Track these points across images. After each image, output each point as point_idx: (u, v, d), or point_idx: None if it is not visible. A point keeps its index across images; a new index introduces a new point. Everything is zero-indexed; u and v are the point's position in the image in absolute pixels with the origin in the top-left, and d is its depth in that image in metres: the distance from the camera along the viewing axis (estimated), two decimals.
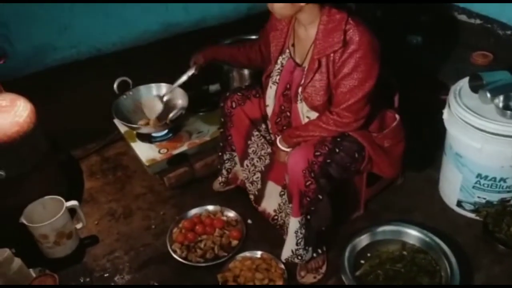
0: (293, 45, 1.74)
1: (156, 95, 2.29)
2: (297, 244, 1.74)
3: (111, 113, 2.26)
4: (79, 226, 2.05)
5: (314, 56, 1.61)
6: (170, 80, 2.40)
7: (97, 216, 2.19)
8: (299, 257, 1.78)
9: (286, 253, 1.79)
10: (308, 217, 1.69)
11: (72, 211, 1.99)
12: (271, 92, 1.84)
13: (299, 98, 1.72)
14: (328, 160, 1.65)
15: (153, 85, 2.40)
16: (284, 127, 1.85)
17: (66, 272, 1.91)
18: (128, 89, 2.32)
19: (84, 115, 2.42)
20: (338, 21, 1.55)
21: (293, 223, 1.70)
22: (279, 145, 1.81)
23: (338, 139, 1.70)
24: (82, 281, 1.89)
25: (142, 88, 2.38)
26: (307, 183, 1.61)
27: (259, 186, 2.02)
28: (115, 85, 2.26)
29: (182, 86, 2.35)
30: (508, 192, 1.94)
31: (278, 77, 1.79)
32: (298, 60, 1.73)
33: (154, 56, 2.54)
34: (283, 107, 1.81)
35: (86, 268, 1.94)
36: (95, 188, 2.35)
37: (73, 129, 2.43)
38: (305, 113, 1.75)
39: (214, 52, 2.04)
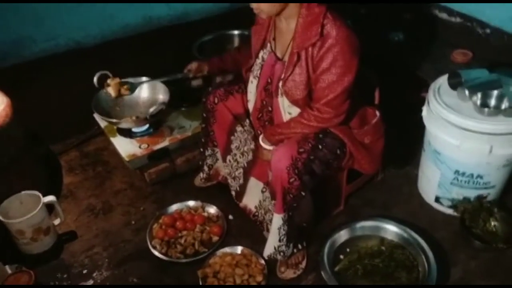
0: (274, 39, 1.74)
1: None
2: (279, 241, 1.74)
3: (91, 108, 2.23)
4: (57, 222, 2.02)
5: (293, 50, 1.61)
6: (151, 75, 2.37)
7: (76, 211, 2.17)
8: (282, 254, 1.78)
9: (268, 249, 1.79)
10: (290, 213, 1.70)
11: (50, 206, 1.97)
12: (252, 87, 1.84)
13: (279, 92, 1.72)
14: (312, 157, 1.65)
15: (133, 79, 2.37)
16: (266, 123, 1.85)
17: (43, 269, 1.88)
18: None
19: (63, 109, 2.38)
20: (316, 14, 1.56)
21: (276, 220, 1.70)
22: (262, 143, 1.81)
23: (321, 136, 1.70)
24: (59, 277, 1.86)
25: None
26: (291, 180, 1.61)
27: (241, 181, 2.02)
28: (95, 79, 2.22)
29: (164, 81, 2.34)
30: (485, 188, 1.97)
31: (259, 71, 1.78)
32: (279, 54, 1.73)
33: (135, 50, 2.51)
34: (264, 102, 1.81)
35: (63, 264, 1.92)
36: (74, 183, 2.32)
37: (52, 124, 2.39)
38: (286, 108, 1.75)
39: (218, 62, 2.00)
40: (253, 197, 2.00)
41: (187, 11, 2.65)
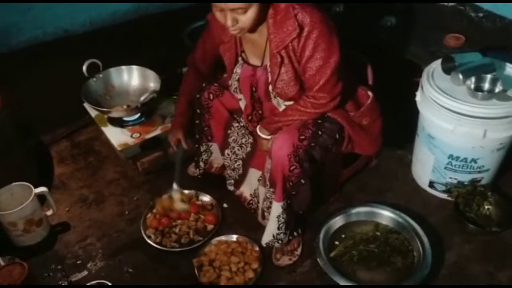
0: (243, 51, 1.71)
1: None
2: (278, 229, 1.74)
3: (80, 97, 2.19)
4: (49, 213, 1.99)
5: (273, 51, 1.58)
6: (141, 62, 2.34)
7: (68, 202, 2.14)
8: (280, 241, 1.78)
9: (267, 237, 1.79)
10: (289, 201, 1.69)
11: (41, 198, 1.94)
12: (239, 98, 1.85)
13: (272, 95, 1.71)
14: (313, 144, 1.64)
15: (123, 67, 2.34)
16: (258, 123, 1.84)
17: (37, 260, 1.86)
18: (98, 71, 2.26)
19: (52, 99, 2.34)
20: (284, 10, 1.52)
21: (276, 208, 1.69)
22: (259, 133, 1.79)
23: (319, 121, 1.69)
24: (53, 268, 1.84)
25: (113, 71, 2.32)
26: (292, 168, 1.60)
27: (240, 171, 2.00)
28: (84, 68, 2.19)
29: (155, 69, 2.31)
30: (479, 172, 1.98)
31: (236, 85, 1.78)
32: (256, 63, 1.70)
33: (125, 37, 2.47)
34: (253, 107, 1.81)
35: (57, 256, 1.90)
36: (66, 174, 2.29)
37: (42, 114, 2.35)
38: (282, 104, 1.74)
39: (186, 113, 1.96)
40: (250, 185, 1.99)
41: None
